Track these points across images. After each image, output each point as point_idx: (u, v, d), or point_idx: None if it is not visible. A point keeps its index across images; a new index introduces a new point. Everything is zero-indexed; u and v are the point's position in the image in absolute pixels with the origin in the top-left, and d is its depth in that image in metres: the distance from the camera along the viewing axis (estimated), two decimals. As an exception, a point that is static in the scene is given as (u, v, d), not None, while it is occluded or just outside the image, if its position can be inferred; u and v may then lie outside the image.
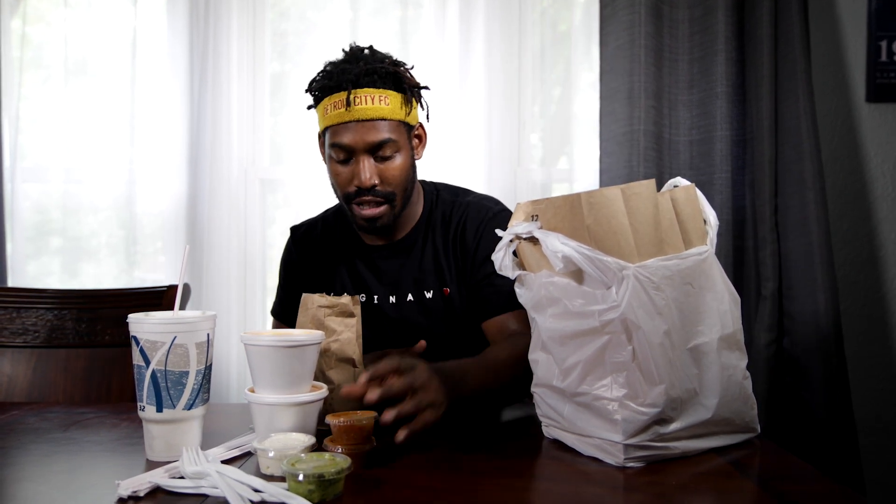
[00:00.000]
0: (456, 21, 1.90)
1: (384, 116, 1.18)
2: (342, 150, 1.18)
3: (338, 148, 1.18)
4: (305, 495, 0.71)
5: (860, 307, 1.87)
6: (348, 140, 1.17)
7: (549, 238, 0.86)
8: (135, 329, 0.86)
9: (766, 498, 0.76)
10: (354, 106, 1.16)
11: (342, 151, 1.19)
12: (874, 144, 1.87)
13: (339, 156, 1.19)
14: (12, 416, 1.07)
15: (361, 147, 1.17)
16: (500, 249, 0.94)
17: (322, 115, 1.21)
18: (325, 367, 1.03)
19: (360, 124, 1.17)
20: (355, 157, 1.19)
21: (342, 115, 1.17)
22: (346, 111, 1.16)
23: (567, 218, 0.86)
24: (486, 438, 0.98)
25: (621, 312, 0.82)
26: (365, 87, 1.17)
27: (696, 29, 1.81)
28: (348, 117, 1.16)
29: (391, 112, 1.18)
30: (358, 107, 1.16)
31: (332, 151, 1.20)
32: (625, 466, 0.84)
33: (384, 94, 1.18)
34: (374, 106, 1.17)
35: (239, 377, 1.93)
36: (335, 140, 1.18)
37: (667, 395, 0.84)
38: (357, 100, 1.16)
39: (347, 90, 1.16)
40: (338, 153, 1.19)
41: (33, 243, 2.00)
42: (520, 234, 0.91)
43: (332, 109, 1.18)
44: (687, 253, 0.88)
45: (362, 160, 1.18)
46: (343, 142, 1.17)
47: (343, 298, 1.06)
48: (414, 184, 1.27)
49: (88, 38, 1.96)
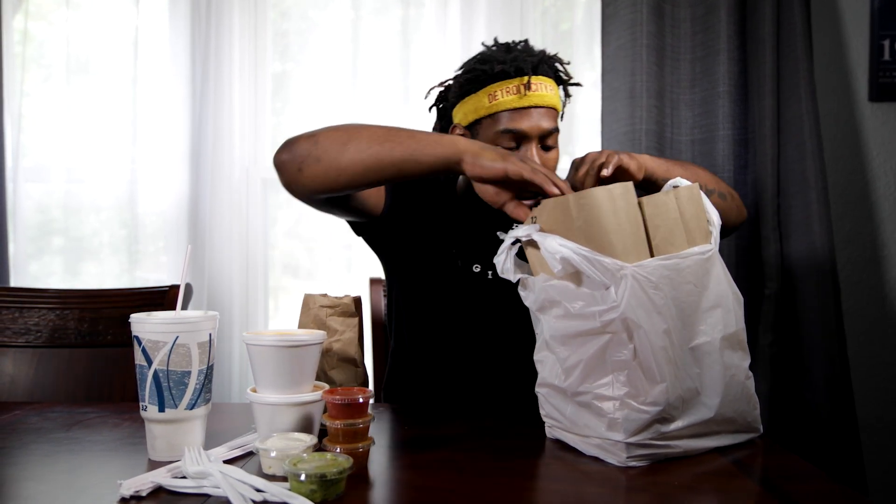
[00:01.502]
0: (457, 20, 1.90)
1: (555, 106, 1.17)
2: (514, 136, 1.15)
3: (510, 134, 1.15)
4: (307, 495, 0.71)
5: (863, 307, 1.86)
6: (525, 126, 1.15)
7: (547, 240, 0.87)
8: (137, 329, 0.86)
9: (769, 498, 0.76)
10: (533, 92, 1.14)
11: (514, 138, 1.16)
12: (877, 144, 1.86)
13: (508, 142, 1.16)
14: (14, 416, 1.07)
15: (536, 133, 1.15)
16: (502, 253, 0.94)
17: (486, 101, 1.16)
18: (327, 366, 1.03)
19: (536, 110, 1.15)
20: (525, 144, 1.16)
21: (519, 100, 1.14)
22: (524, 97, 1.14)
23: (560, 220, 0.87)
24: (488, 439, 0.98)
25: (621, 312, 0.82)
26: (541, 74, 1.16)
27: (698, 28, 1.80)
28: (527, 102, 1.14)
29: (558, 103, 1.19)
30: (536, 93, 1.15)
31: (501, 138, 1.16)
32: (627, 466, 0.84)
33: (552, 85, 1.18)
34: (549, 94, 1.16)
35: (241, 377, 1.93)
36: (509, 126, 1.15)
37: (668, 394, 0.84)
38: (536, 86, 1.15)
39: (528, 75, 1.14)
40: (508, 140, 1.16)
41: (35, 243, 2.00)
42: (520, 238, 0.92)
43: (504, 94, 1.15)
44: (687, 252, 0.88)
45: (533, 147, 1.16)
46: (520, 127, 1.15)
47: (344, 298, 1.06)
48: None
49: (90, 36, 1.97)
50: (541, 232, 0.89)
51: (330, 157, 1.03)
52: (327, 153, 1.03)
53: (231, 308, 1.91)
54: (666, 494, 0.77)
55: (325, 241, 2.00)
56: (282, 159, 1.08)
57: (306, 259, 2.05)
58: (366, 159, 1.02)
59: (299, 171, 1.06)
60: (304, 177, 1.06)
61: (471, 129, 1.20)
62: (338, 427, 0.83)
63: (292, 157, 1.06)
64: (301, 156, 1.05)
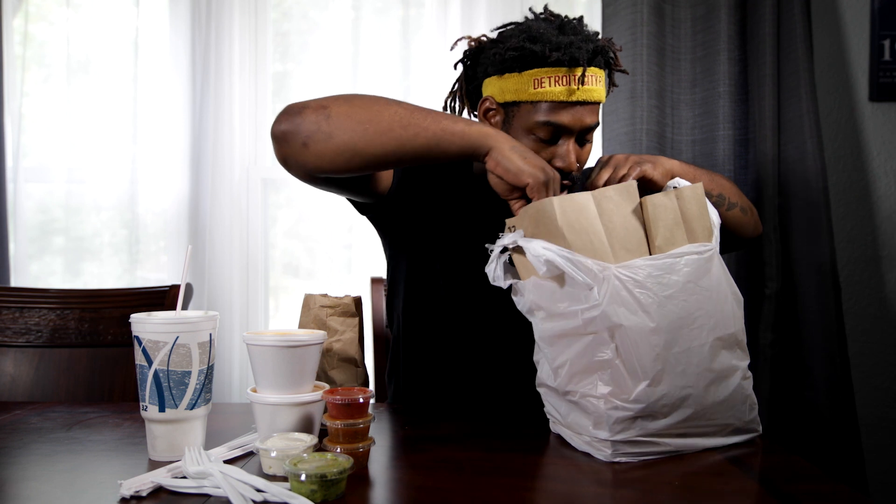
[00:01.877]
0: (458, 21, 1.90)
1: (601, 100, 1.09)
2: (554, 129, 1.07)
3: (550, 126, 1.07)
4: (308, 495, 0.71)
5: (863, 306, 1.86)
6: (568, 120, 1.06)
7: (531, 244, 0.88)
8: (137, 329, 0.86)
9: (769, 497, 0.76)
10: (584, 86, 1.05)
11: (553, 131, 1.08)
12: (877, 143, 1.86)
13: (546, 134, 1.08)
14: (15, 416, 1.07)
15: (578, 128, 1.07)
16: (493, 262, 0.95)
17: (531, 86, 1.06)
18: (328, 366, 1.03)
19: (583, 106, 1.07)
20: (564, 137, 1.08)
21: (570, 92, 1.05)
22: (576, 90, 1.05)
23: (542, 222, 0.88)
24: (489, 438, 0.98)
25: (602, 311, 0.84)
26: (594, 66, 1.07)
27: (698, 28, 1.80)
28: (576, 97, 1.05)
29: (605, 95, 1.11)
30: (587, 87, 1.06)
31: (540, 129, 1.07)
32: (614, 462, 0.85)
33: (602, 76, 1.09)
34: (598, 88, 1.08)
35: (241, 377, 1.93)
36: (551, 118, 1.06)
37: (653, 391, 0.85)
38: (587, 80, 1.05)
39: (583, 67, 1.04)
40: (547, 131, 1.07)
41: (36, 243, 2.00)
42: (507, 246, 0.93)
43: (553, 84, 1.05)
44: (681, 251, 0.88)
45: (571, 143, 1.08)
46: (563, 121, 1.06)
47: (345, 298, 1.06)
48: None
49: (91, 37, 1.97)
50: (525, 238, 0.90)
51: (344, 137, 0.94)
52: (341, 131, 0.94)
53: (231, 308, 1.91)
54: (667, 493, 0.77)
55: (326, 241, 2.00)
56: (282, 130, 0.97)
57: (306, 259, 2.05)
58: (387, 143, 0.94)
59: (304, 146, 0.96)
60: (310, 153, 0.96)
61: (505, 109, 1.11)
62: (338, 427, 0.83)
63: (295, 128, 0.96)
64: (308, 130, 0.95)
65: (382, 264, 1.35)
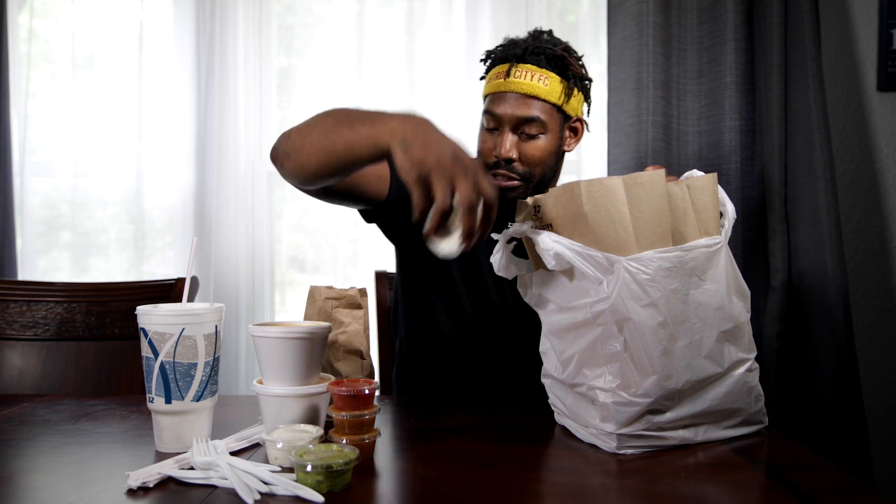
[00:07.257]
0: (462, 13, 1.89)
1: (538, 95, 1.18)
2: (493, 118, 1.20)
3: (489, 116, 1.20)
4: (314, 486, 0.71)
5: (871, 298, 1.85)
6: (499, 110, 1.18)
7: (540, 237, 0.87)
8: (143, 321, 0.86)
9: (776, 487, 0.76)
10: (512, 78, 1.18)
11: (492, 120, 1.20)
12: (885, 134, 1.85)
13: (489, 123, 1.21)
14: (23, 409, 1.08)
15: (508, 119, 1.18)
16: (498, 251, 0.94)
17: (486, 82, 1.24)
18: (333, 358, 1.03)
19: (513, 96, 1.18)
20: (501, 128, 1.20)
21: (500, 84, 1.19)
22: (504, 81, 1.19)
23: (567, 206, 0.87)
24: (494, 429, 0.98)
25: (611, 304, 0.83)
26: (528, 63, 1.18)
27: (704, 18, 1.79)
28: (504, 88, 1.19)
29: (547, 93, 1.18)
30: (515, 80, 1.18)
31: (484, 118, 1.22)
32: (619, 454, 0.85)
33: (545, 75, 1.18)
34: (531, 83, 1.18)
35: (247, 369, 1.94)
36: (488, 108, 1.21)
37: (660, 386, 0.84)
38: (517, 73, 1.18)
39: (510, 62, 1.18)
40: (488, 121, 1.21)
41: (43, 238, 2.01)
42: (514, 236, 0.92)
43: (493, 78, 1.21)
44: (691, 245, 0.87)
45: (506, 133, 1.19)
46: (495, 111, 1.19)
47: (350, 290, 1.06)
48: (555, 173, 1.26)
49: (95, 32, 1.97)
50: (534, 229, 0.89)
51: (295, 153, 1.02)
52: (295, 149, 1.02)
53: (237, 301, 1.92)
54: (674, 485, 0.77)
55: (331, 234, 2.00)
56: (271, 156, 1.10)
57: (312, 252, 2.05)
58: (318, 153, 0.98)
59: (282, 167, 1.06)
60: (286, 172, 1.06)
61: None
62: (344, 418, 0.83)
63: (275, 153, 1.07)
64: (280, 152, 1.05)
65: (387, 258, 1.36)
